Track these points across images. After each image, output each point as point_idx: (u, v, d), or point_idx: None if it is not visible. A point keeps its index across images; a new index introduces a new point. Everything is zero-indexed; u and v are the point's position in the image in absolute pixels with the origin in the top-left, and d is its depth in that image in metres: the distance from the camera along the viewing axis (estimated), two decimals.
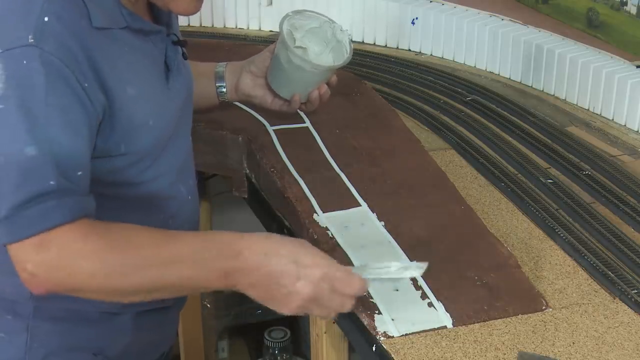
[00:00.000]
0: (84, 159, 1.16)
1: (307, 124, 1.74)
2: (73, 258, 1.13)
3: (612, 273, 1.36)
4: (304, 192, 1.52)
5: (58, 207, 1.12)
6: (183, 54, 1.38)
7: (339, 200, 1.50)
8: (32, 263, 1.13)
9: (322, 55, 1.52)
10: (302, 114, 1.71)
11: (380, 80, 2.05)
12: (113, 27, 1.22)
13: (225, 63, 1.60)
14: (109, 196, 1.26)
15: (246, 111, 1.74)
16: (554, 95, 2.02)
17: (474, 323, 1.26)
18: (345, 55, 1.50)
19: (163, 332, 1.47)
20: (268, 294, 1.17)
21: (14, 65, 1.11)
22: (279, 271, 1.16)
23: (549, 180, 1.63)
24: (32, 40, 1.12)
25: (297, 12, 1.52)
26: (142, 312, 1.37)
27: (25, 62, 1.12)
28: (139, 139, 1.25)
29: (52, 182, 1.12)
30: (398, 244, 1.40)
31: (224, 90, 1.59)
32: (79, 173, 1.14)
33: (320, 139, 1.68)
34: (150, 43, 1.29)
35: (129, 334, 1.37)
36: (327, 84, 1.54)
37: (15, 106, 1.11)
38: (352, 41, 1.52)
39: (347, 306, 1.19)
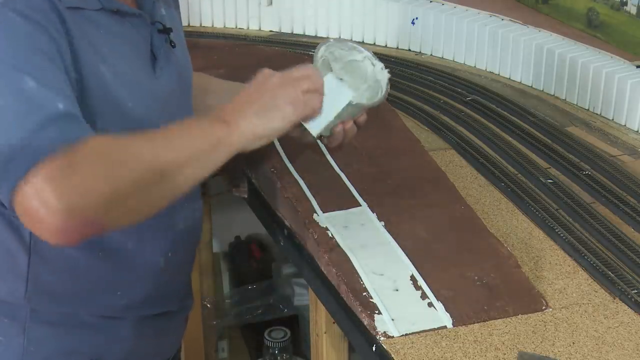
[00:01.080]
0: (75, 97, 1.14)
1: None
2: (103, 165, 1.07)
3: (612, 273, 1.36)
4: (304, 192, 1.52)
5: (73, 125, 1.09)
6: (171, 42, 1.34)
7: (339, 200, 1.50)
8: (61, 190, 1.02)
9: (357, 92, 1.42)
10: None
11: None
12: (86, 8, 1.20)
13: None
14: None
15: None
16: (554, 95, 2.02)
17: (474, 323, 1.26)
18: (378, 96, 1.41)
19: (166, 339, 1.45)
20: (262, 109, 1.23)
21: None
22: (250, 90, 1.25)
23: (549, 180, 1.63)
24: (1, 0, 1.11)
25: (339, 41, 1.44)
26: (143, 318, 1.36)
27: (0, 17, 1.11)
28: (117, 119, 1.22)
29: (60, 106, 1.09)
30: (398, 244, 1.40)
31: None
32: (74, 103, 1.12)
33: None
34: (129, 27, 1.26)
35: (130, 341, 1.35)
36: (355, 121, 1.42)
37: (2, 54, 1.09)
38: (389, 82, 1.42)
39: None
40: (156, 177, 1.12)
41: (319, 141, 1.65)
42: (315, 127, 1.34)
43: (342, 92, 1.34)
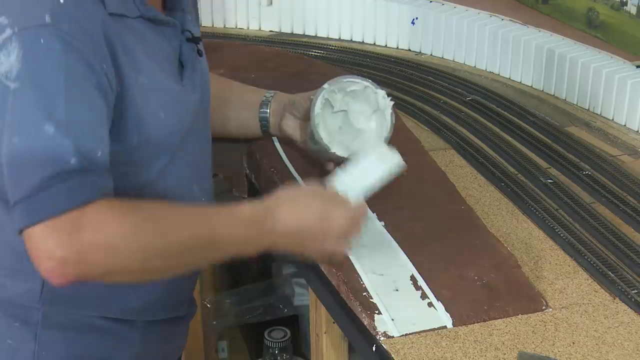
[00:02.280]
0: (103, 140, 1.13)
1: None
2: (113, 236, 1.09)
3: (612, 273, 1.36)
4: None
5: (82, 184, 1.09)
6: (198, 51, 1.35)
7: None
8: (64, 247, 1.07)
9: (365, 117, 1.46)
10: None
11: (380, 80, 2.05)
12: (126, 15, 1.19)
13: (272, 94, 1.58)
14: (118, 194, 1.24)
15: None
16: (554, 95, 2.02)
17: (474, 323, 1.26)
18: (384, 134, 1.45)
19: (172, 343, 1.45)
20: (303, 239, 1.27)
21: (31, 44, 1.09)
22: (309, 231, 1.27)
23: (549, 180, 1.63)
24: (49, 20, 1.09)
25: (334, 81, 1.44)
26: (152, 322, 1.35)
27: (42, 41, 1.09)
28: (150, 130, 1.22)
29: (72, 161, 1.08)
30: (398, 244, 1.40)
31: (268, 125, 1.58)
32: (99, 154, 1.11)
33: None
34: (161, 35, 1.26)
35: (138, 345, 1.35)
36: None
37: (33, 85, 1.08)
38: (393, 113, 1.45)
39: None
40: (157, 267, 1.16)
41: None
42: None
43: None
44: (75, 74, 1.11)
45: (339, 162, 1.45)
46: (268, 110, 1.57)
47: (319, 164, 1.55)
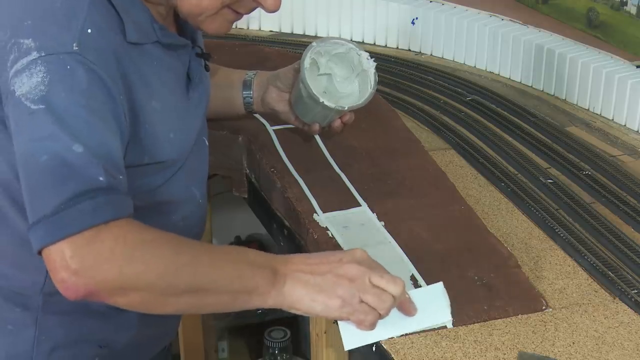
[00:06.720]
0: (123, 164, 1.15)
1: None
2: (129, 249, 1.09)
3: (612, 273, 1.36)
4: (304, 192, 1.52)
5: (109, 203, 1.09)
6: (205, 65, 1.39)
7: (339, 200, 1.50)
8: (78, 259, 1.07)
9: (348, 81, 1.51)
10: None
11: (380, 80, 2.04)
12: (145, 42, 1.23)
13: (255, 72, 1.61)
14: None
15: None
16: (554, 95, 2.02)
17: (474, 323, 1.26)
18: (368, 91, 1.47)
19: (167, 326, 1.48)
20: (315, 285, 1.16)
21: (57, 70, 1.11)
22: (323, 258, 1.19)
23: (549, 180, 1.63)
24: (76, 48, 1.12)
25: (322, 41, 1.48)
26: None
27: (68, 67, 1.11)
28: (161, 151, 1.26)
29: (101, 179, 1.09)
30: (398, 243, 1.40)
31: (250, 100, 1.60)
32: (121, 177, 1.13)
33: (320, 138, 1.68)
34: (175, 57, 1.30)
35: (135, 327, 1.37)
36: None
37: (57, 109, 1.10)
38: (377, 73, 1.49)
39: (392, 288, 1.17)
40: (170, 290, 1.12)
41: (319, 141, 1.66)
42: (348, 341, 1.22)
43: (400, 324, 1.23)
44: (97, 101, 1.13)
45: (323, 126, 1.52)
46: (252, 86, 1.60)
47: (303, 135, 1.58)
